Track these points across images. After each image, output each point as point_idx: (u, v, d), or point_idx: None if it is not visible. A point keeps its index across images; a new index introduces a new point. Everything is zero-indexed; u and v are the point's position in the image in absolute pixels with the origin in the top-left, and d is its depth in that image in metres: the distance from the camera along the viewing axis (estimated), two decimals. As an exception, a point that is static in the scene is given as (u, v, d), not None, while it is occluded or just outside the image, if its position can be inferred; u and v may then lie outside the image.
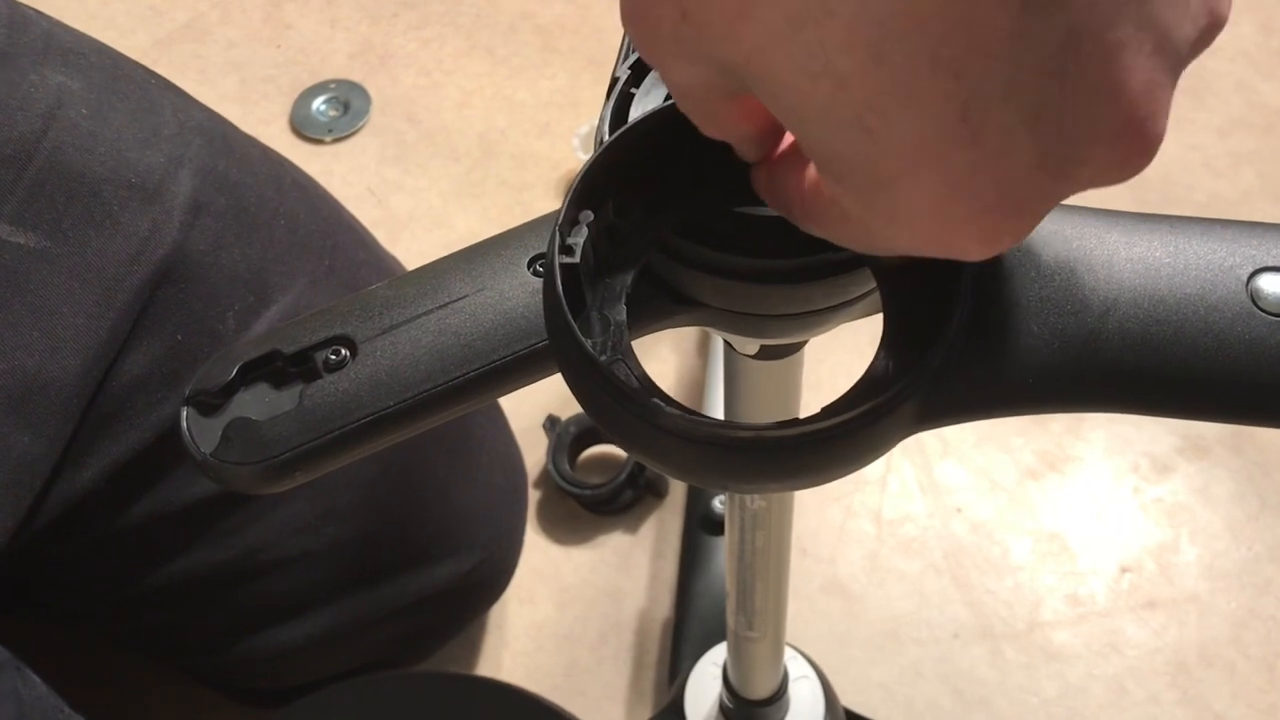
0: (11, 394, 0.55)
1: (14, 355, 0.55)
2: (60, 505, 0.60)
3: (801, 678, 0.72)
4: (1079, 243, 0.28)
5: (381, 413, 0.31)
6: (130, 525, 0.63)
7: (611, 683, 0.88)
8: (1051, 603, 0.90)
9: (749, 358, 0.39)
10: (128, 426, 0.60)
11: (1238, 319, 0.27)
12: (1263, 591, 0.90)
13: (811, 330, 0.32)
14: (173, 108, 0.64)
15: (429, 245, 1.11)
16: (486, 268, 0.32)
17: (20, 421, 0.55)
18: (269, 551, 0.67)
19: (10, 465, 0.55)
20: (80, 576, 0.66)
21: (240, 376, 0.32)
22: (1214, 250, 0.28)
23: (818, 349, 0.76)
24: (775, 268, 0.29)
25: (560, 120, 1.21)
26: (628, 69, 0.32)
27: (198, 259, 0.61)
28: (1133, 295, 0.27)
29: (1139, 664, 0.87)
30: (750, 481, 0.27)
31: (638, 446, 0.27)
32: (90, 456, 0.60)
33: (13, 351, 0.55)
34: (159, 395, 0.61)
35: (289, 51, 1.29)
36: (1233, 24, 1.23)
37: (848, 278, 0.30)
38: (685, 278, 0.30)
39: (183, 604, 0.69)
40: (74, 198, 0.58)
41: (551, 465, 0.93)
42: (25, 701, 0.54)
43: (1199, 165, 1.13)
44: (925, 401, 0.26)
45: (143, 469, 0.62)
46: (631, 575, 0.93)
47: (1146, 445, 0.97)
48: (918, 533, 0.93)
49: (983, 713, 0.85)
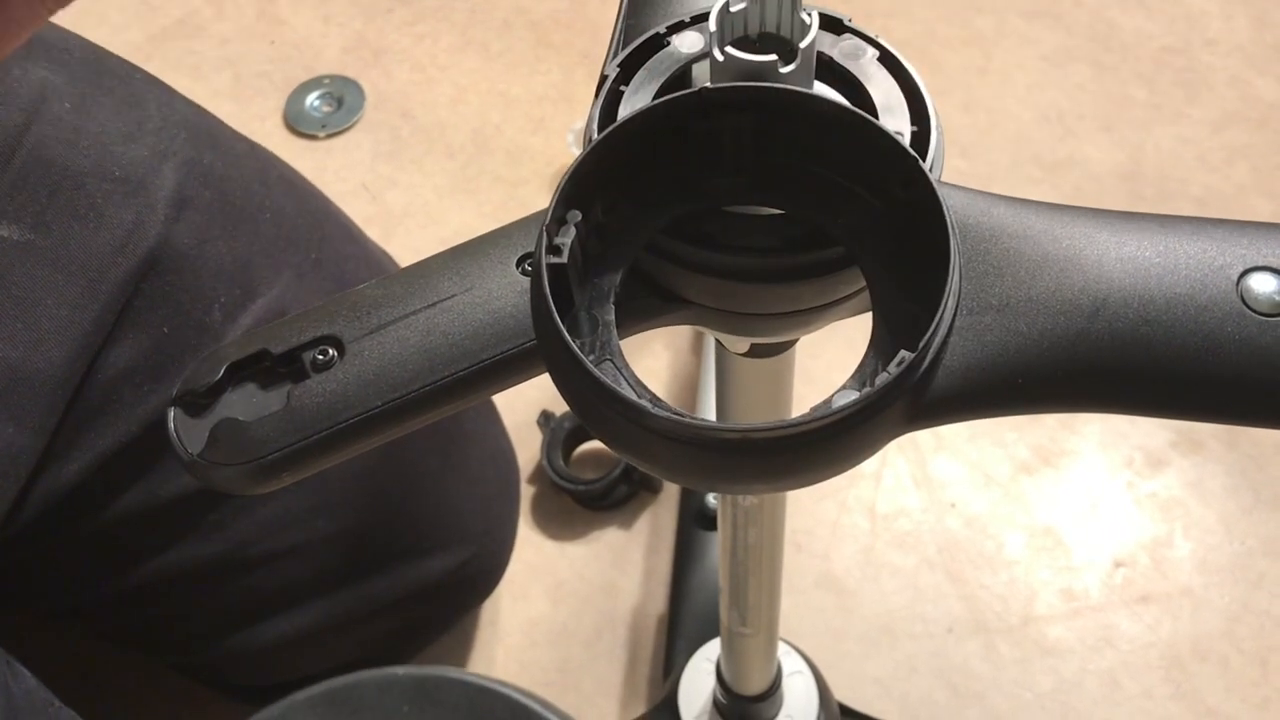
0: None
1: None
2: (46, 499, 0.59)
3: (795, 673, 0.72)
4: (1068, 242, 0.28)
5: (369, 413, 0.31)
6: (118, 518, 0.63)
7: (606, 678, 0.88)
8: (1045, 597, 0.90)
9: (740, 356, 0.39)
10: (114, 419, 0.60)
11: (1228, 319, 0.27)
12: (1256, 586, 0.90)
13: (801, 329, 0.32)
14: (157, 102, 0.64)
15: (423, 241, 1.11)
16: (475, 267, 0.32)
17: (3, 413, 0.55)
18: (258, 545, 0.67)
19: None
20: (68, 571, 0.66)
21: (228, 377, 0.32)
22: (1204, 249, 0.28)
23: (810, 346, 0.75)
24: (764, 266, 0.29)
25: (554, 116, 1.20)
26: (616, 67, 0.32)
27: (183, 252, 0.61)
28: (1122, 295, 0.27)
29: (1132, 658, 0.87)
30: (739, 482, 0.27)
31: (625, 447, 0.27)
32: (76, 450, 0.60)
33: None
34: (145, 388, 0.61)
35: (282, 47, 1.28)
36: (1227, 18, 1.23)
37: (837, 277, 0.29)
38: (674, 277, 0.30)
39: (172, 598, 0.69)
40: (57, 191, 0.57)
41: (545, 461, 0.93)
42: (14, 695, 0.54)
43: (1193, 160, 1.13)
44: (914, 402, 0.26)
45: (130, 462, 0.62)
46: (625, 571, 0.93)
47: (1141, 440, 0.97)
48: (912, 528, 0.93)
49: (977, 707, 0.86)
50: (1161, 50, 1.22)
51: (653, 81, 0.32)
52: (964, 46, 1.23)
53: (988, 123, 1.17)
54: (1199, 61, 1.20)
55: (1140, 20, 1.24)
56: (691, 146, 0.29)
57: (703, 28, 0.32)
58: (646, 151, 0.29)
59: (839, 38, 0.32)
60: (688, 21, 0.33)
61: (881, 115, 0.30)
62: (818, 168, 0.29)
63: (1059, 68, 1.21)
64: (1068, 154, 1.14)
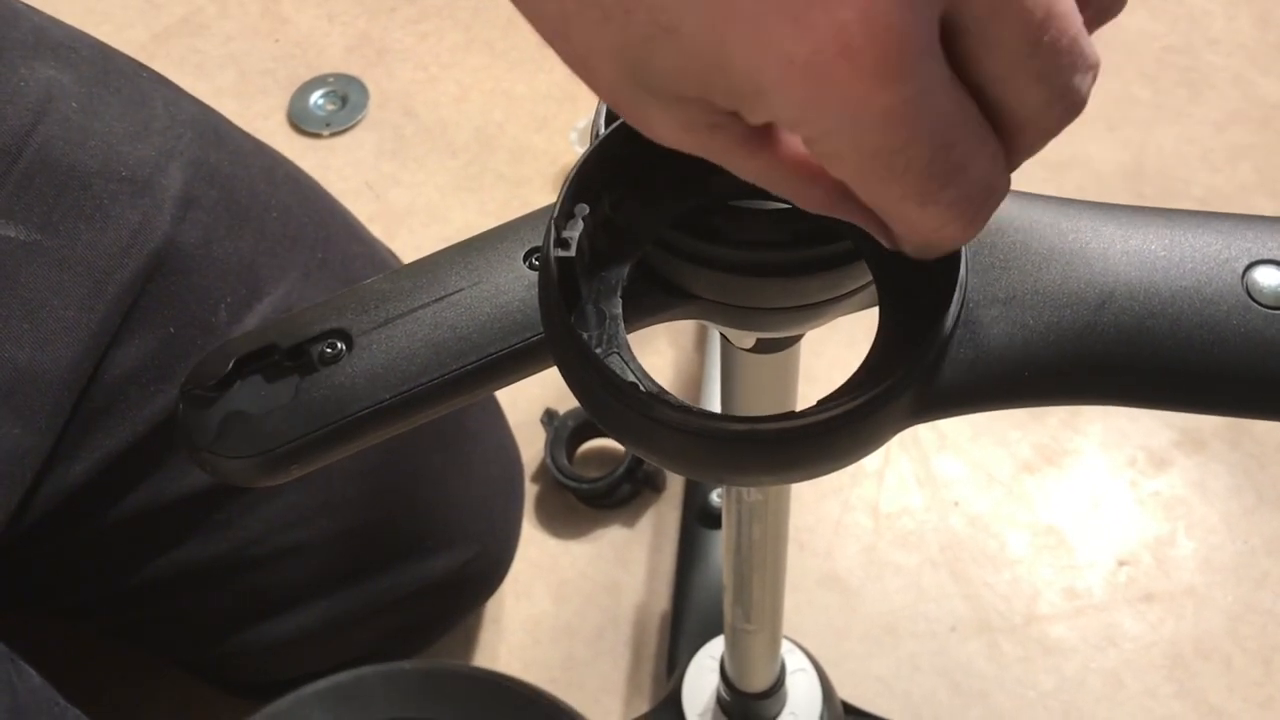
0: (1, 386, 0.55)
1: (3, 347, 0.55)
2: (53, 498, 0.60)
3: (799, 670, 0.72)
4: (1075, 236, 0.28)
5: (377, 406, 0.31)
6: (124, 518, 0.63)
7: (609, 676, 0.89)
8: (1048, 596, 0.90)
9: (745, 351, 0.39)
10: (120, 419, 0.60)
11: (1233, 312, 0.27)
12: (1259, 585, 0.90)
13: (807, 323, 0.32)
14: (164, 101, 0.64)
15: (426, 239, 1.11)
16: (482, 261, 0.32)
17: (10, 413, 0.55)
18: (263, 544, 0.67)
19: (1, 457, 0.55)
20: (74, 570, 0.66)
21: (236, 370, 0.32)
22: (1209, 243, 0.28)
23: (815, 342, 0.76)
24: (770, 261, 0.29)
25: (558, 114, 1.20)
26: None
27: (189, 251, 0.61)
28: (1128, 288, 0.27)
29: (1135, 657, 0.87)
30: (745, 474, 0.27)
31: (632, 439, 0.27)
32: (83, 450, 0.60)
33: (2, 343, 0.55)
34: (152, 388, 0.61)
35: (286, 45, 1.29)
36: (1230, 18, 1.23)
37: (844, 271, 0.30)
38: (681, 271, 0.30)
39: (177, 596, 0.69)
40: (64, 191, 0.58)
41: (549, 459, 0.93)
42: (20, 693, 0.54)
43: (1196, 159, 1.13)
44: (920, 394, 0.26)
45: (136, 461, 0.62)
46: (629, 569, 0.93)
47: (1143, 439, 0.97)
48: (915, 526, 0.93)
49: (980, 706, 0.86)
50: (1165, 50, 1.22)
51: None
52: (967, 46, 1.23)
53: (991, 122, 1.17)
54: (1202, 61, 1.20)
55: (1143, 20, 1.24)
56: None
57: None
58: (653, 147, 0.29)
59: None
60: None
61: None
62: (825, 162, 0.29)
63: (1062, 67, 1.21)
64: (1071, 153, 1.14)
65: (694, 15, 0.21)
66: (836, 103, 0.21)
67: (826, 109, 0.21)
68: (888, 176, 0.22)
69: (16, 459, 0.56)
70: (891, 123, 0.21)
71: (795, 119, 0.21)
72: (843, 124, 0.21)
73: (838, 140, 0.21)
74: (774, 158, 0.24)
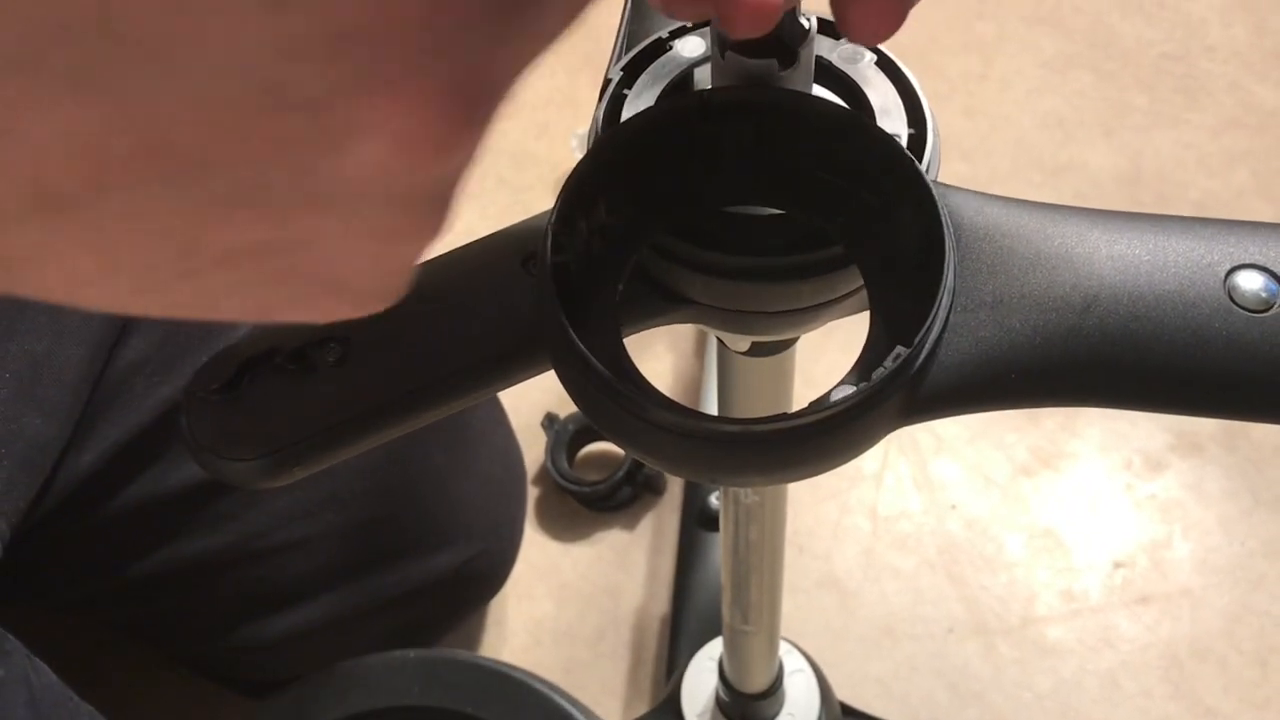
0: (22, 377, 0.56)
1: (24, 339, 0.56)
2: (64, 488, 0.61)
3: (797, 671, 0.72)
4: (1060, 240, 0.29)
5: (377, 409, 0.31)
6: (130, 507, 0.64)
7: (609, 678, 0.89)
8: (1045, 598, 0.90)
9: (741, 355, 0.40)
10: (126, 409, 0.61)
11: (1215, 315, 0.27)
12: (1255, 587, 0.90)
13: (801, 327, 0.33)
14: None
15: (427, 244, 1.12)
16: (481, 266, 0.33)
17: (32, 404, 0.56)
18: (268, 538, 0.68)
19: (24, 446, 0.56)
20: (80, 561, 0.67)
21: (240, 373, 0.32)
22: (1193, 248, 0.28)
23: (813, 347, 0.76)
24: (765, 266, 0.30)
25: (559, 120, 1.21)
26: (620, 70, 0.33)
27: None
28: (1113, 292, 0.28)
29: (1132, 659, 0.88)
30: (739, 475, 0.28)
31: (630, 441, 0.28)
32: (90, 439, 0.61)
33: (23, 335, 0.56)
34: (156, 378, 0.62)
35: (288, 51, 1.29)
36: (1226, 25, 1.23)
37: (836, 275, 0.30)
38: (676, 276, 0.31)
39: (182, 589, 0.70)
40: None
41: (550, 463, 0.94)
42: (36, 688, 0.55)
43: (1193, 164, 1.14)
44: (909, 396, 0.27)
45: (140, 451, 0.63)
46: (629, 572, 0.93)
47: (1140, 442, 0.97)
48: (912, 529, 0.94)
49: (977, 707, 0.86)
50: (1161, 57, 1.22)
51: (656, 85, 0.32)
52: (965, 52, 1.24)
53: (989, 128, 1.17)
54: (1198, 68, 1.21)
55: (1140, 27, 1.25)
56: (694, 148, 0.30)
57: (704, 32, 0.33)
58: (650, 153, 0.30)
59: (837, 42, 0.33)
60: (690, 26, 0.33)
61: (879, 118, 0.31)
62: (817, 169, 0.30)
63: (1059, 74, 1.21)
64: (1068, 159, 1.15)
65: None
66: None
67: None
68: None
69: (39, 449, 0.57)
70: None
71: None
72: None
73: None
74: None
